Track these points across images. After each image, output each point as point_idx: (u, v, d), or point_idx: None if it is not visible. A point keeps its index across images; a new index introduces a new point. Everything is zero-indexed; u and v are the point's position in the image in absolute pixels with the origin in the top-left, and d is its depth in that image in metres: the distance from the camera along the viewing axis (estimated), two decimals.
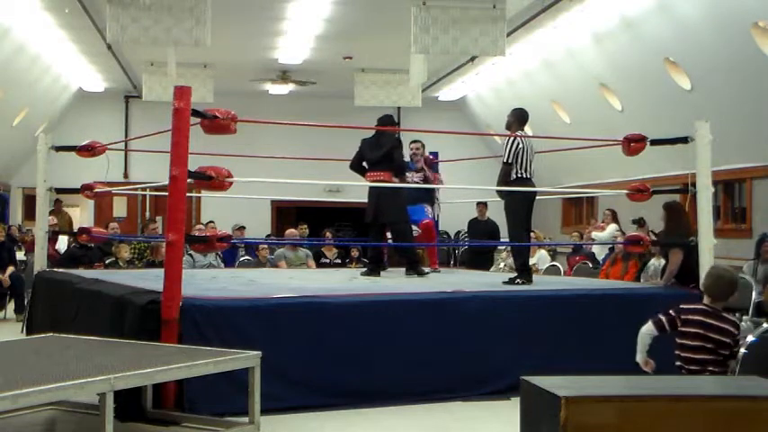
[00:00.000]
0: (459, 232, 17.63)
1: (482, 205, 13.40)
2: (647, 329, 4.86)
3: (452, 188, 9.24)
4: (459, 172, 14.40)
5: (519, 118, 7.72)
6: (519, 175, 7.43)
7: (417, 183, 8.83)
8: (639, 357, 4.86)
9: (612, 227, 12.52)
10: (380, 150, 8.05)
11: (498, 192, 7.73)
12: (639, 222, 10.51)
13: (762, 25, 9.26)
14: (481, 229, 13.42)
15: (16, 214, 18.21)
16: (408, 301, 6.23)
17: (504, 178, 7.48)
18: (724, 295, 4.82)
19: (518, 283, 7.32)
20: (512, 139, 7.47)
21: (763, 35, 9.35)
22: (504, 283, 7.44)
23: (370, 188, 8.16)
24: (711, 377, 4.49)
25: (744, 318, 8.31)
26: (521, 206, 7.53)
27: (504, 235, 15.32)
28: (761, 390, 3.32)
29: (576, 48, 12.65)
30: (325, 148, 16.03)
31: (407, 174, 8.69)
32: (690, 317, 4.76)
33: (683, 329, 4.76)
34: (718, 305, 4.80)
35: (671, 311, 4.84)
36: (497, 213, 14.47)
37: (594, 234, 12.54)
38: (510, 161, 7.42)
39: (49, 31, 13.05)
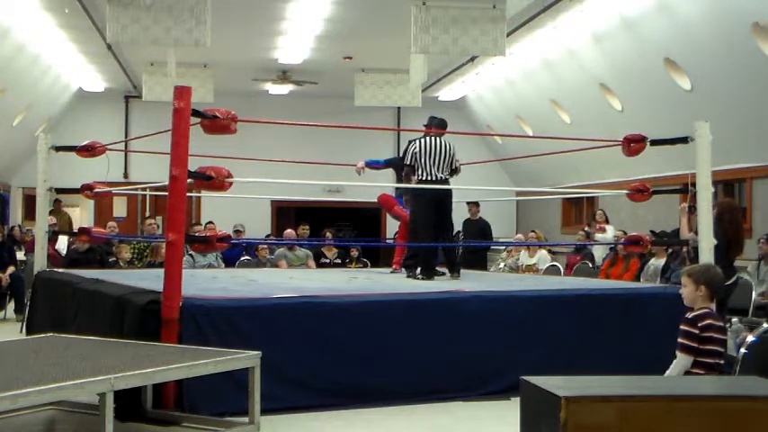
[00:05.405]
0: (458, 232, 17.60)
1: (473, 205, 13.49)
2: (685, 364, 4.55)
3: (451, 188, 9.20)
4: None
5: (436, 125, 8.19)
6: (420, 177, 7.87)
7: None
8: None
9: (611, 228, 12.63)
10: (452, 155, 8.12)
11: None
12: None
13: (762, 25, 9.26)
14: (474, 228, 13.52)
15: (16, 214, 18.21)
16: (408, 300, 6.23)
17: (405, 179, 8.05)
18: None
19: (419, 279, 7.87)
20: (410, 143, 8.00)
21: (763, 35, 9.35)
22: (408, 277, 8.07)
23: (450, 192, 8.14)
24: (711, 377, 4.49)
25: (743, 318, 8.32)
26: (419, 206, 7.99)
27: (497, 234, 15.50)
28: (761, 390, 3.31)
29: (576, 48, 12.65)
30: (326, 147, 16.09)
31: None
32: (706, 322, 4.59)
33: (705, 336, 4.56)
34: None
35: (687, 329, 4.56)
36: (489, 213, 14.57)
37: (598, 236, 12.56)
38: (409, 163, 7.92)
39: (49, 32, 13.04)
